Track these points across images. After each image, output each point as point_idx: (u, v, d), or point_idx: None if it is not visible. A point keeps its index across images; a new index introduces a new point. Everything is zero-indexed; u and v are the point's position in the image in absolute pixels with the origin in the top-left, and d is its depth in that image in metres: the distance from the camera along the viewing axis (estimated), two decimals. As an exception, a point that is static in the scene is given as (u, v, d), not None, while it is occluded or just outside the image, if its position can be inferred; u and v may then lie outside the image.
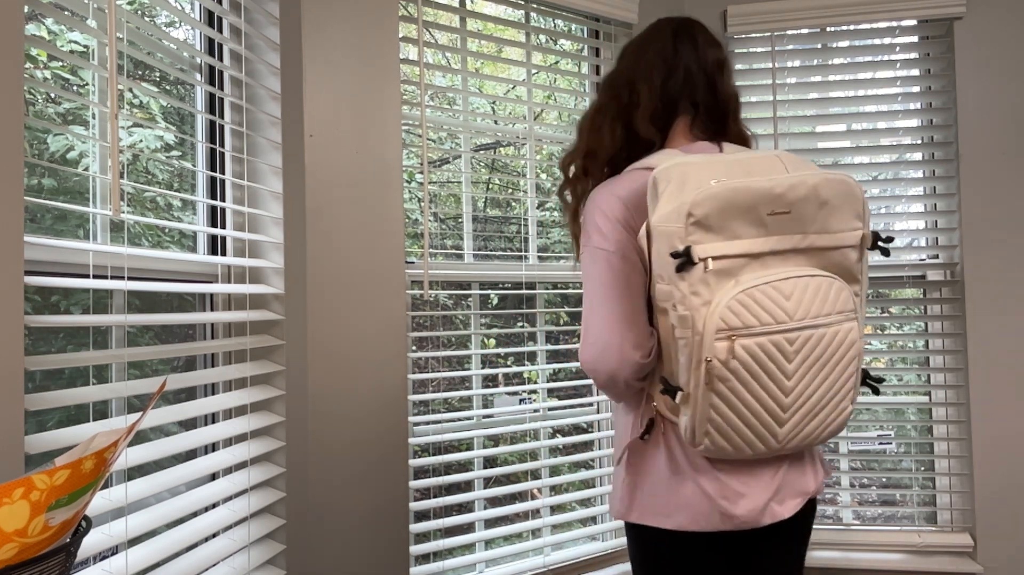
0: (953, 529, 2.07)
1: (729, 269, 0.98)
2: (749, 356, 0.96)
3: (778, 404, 0.99)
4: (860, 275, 1.02)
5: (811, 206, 0.98)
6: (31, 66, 1.24)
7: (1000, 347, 2.01)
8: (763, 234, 0.99)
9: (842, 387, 1.02)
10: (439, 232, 2.21)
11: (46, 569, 0.61)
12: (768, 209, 0.98)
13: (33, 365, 0.90)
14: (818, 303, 0.98)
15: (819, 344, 0.98)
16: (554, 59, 2.95)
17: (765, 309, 0.96)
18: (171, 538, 1.16)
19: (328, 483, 1.50)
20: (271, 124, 1.49)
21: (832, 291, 0.99)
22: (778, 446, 1.01)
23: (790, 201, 0.98)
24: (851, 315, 1.00)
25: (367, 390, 1.57)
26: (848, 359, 1.01)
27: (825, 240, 1.00)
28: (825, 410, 1.02)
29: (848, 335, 1.00)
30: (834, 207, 0.99)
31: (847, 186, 1.00)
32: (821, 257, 1.01)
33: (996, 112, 2.03)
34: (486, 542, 1.86)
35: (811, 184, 0.98)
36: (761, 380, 0.98)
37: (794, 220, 0.99)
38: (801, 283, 0.98)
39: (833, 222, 1.00)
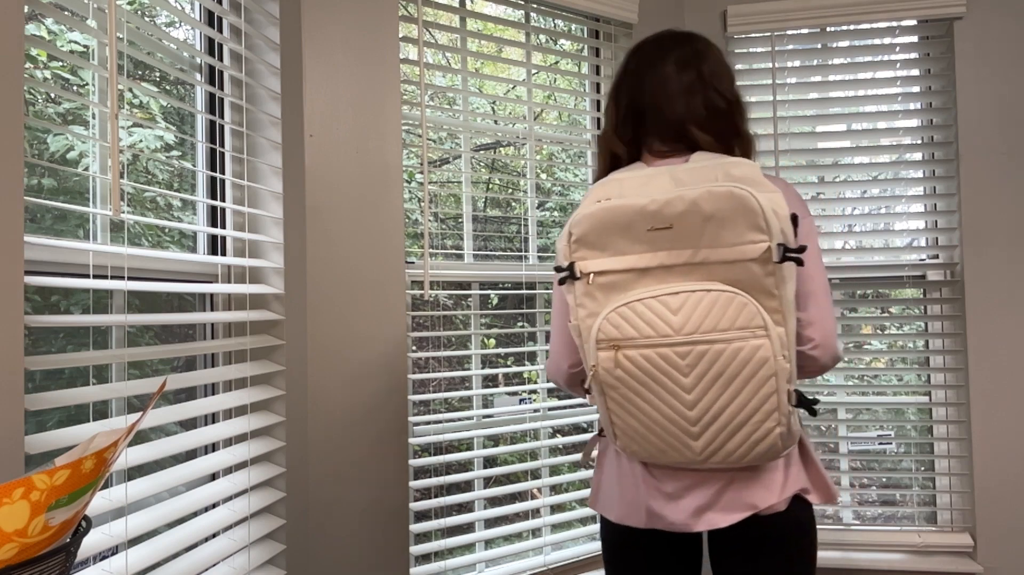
0: (953, 529, 2.07)
1: (617, 283, 1.04)
2: (634, 366, 1.01)
3: (682, 417, 1.01)
4: (776, 289, 0.97)
5: (694, 221, 0.98)
6: (31, 66, 1.24)
7: (1000, 347, 2.01)
8: (648, 250, 1.02)
9: (760, 406, 0.98)
10: (439, 232, 2.21)
11: (46, 569, 0.61)
12: (646, 226, 1.01)
13: (33, 365, 0.90)
14: (712, 318, 0.97)
15: (718, 360, 0.97)
16: (554, 59, 2.95)
17: (646, 321, 1.00)
18: (171, 538, 1.16)
19: (328, 483, 1.50)
20: (271, 124, 1.49)
21: (732, 306, 0.96)
22: (700, 458, 1.03)
23: (668, 217, 0.99)
24: (758, 332, 0.96)
25: (367, 390, 1.57)
26: (762, 377, 0.96)
27: (720, 254, 0.98)
28: (745, 428, 0.99)
29: (756, 353, 0.96)
30: (723, 221, 0.97)
31: (736, 199, 0.96)
32: (722, 271, 0.98)
33: (996, 112, 2.03)
34: (486, 542, 1.86)
35: (690, 199, 0.98)
36: (654, 390, 1.01)
37: (680, 235, 0.99)
38: (694, 297, 0.98)
39: (725, 236, 0.97)
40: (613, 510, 1.17)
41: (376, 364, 1.58)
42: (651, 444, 1.05)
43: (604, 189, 1.08)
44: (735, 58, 2.20)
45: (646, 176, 1.06)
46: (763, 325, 0.95)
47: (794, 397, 0.99)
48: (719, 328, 0.96)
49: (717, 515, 1.08)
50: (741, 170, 1.01)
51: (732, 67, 1.24)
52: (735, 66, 2.20)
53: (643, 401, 1.03)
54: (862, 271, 2.16)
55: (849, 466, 2.17)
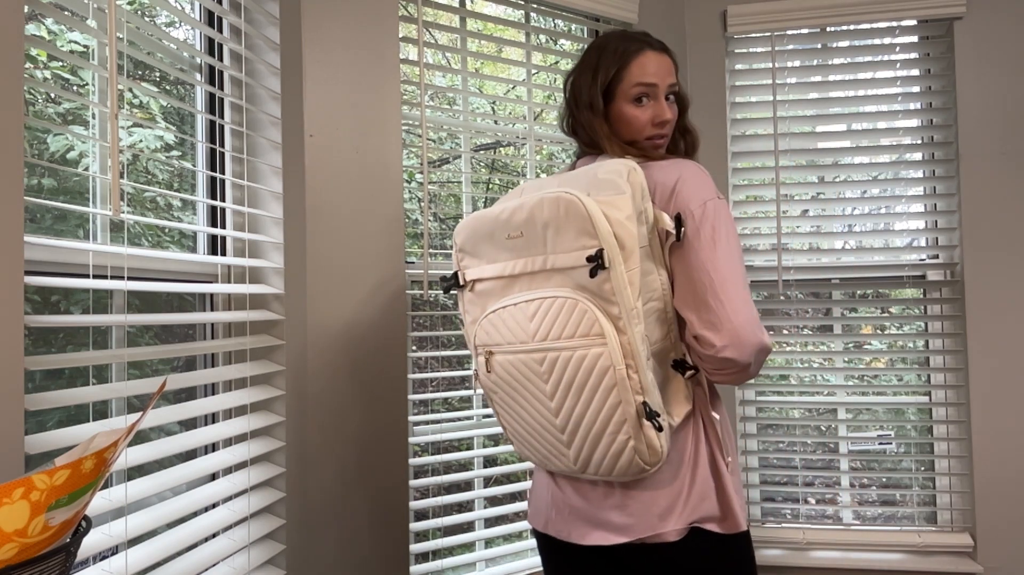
0: (953, 529, 2.07)
1: (491, 290, 1.06)
2: (504, 371, 1.03)
3: (551, 424, 1.00)
4: (614, 295, 0.92)
5: (536, 228, 0.99)
6: (31, 66, 1.24)
7: (1000, 347, 2.01)
8: (512, 257, 1.03)
9: (610, 417, 0.94)
10: (439, 232, 2.21)
11: (46, 569, 0.61)
12: (504, 234, 1.03)
13: (33, 365, 0.90)
14: (558, 325, 0.96)
15: (567, 367, 0.95)
16: (554, 59, 2.95)
17: (509, 328, 1.01)
18: (171, 538, 1.16)
19: (328, 483, 1.50)
20: (271, 124, 1.49)
21: (575, 313, 0.94)
22: (576, 467, 1.01)
23: (517, 225, 1.01)
24: (597, 340, 0.92)
25: (367, 390, 1.57)
26: (605, 387, 0.93)
27: (562, 260, 0.97)
28: (603, 440, 0.96)
29: (597, 362, 0.92)
30: (558, 227, 0.96)
31: (566, 204, 0.94)
32: (567, 278, 0.97)
33: (996, 112, 2.03)
34: (486, 541, 1.86)
35: (528, 207, 0.99)
36: (524, 396, 1.02)
37: (529, 243, 1.00)
38: (545, 304, 0.97)
39: (562, 242, 0.96)
40: (530, 514, 1.20)
41: (376, 364, 1.58)
42: (535, 450, 1.06)
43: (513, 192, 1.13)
44: (735, 58, 2.20)
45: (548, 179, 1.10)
46: (601, 333, 0.92)
47: (643, 410, 0.92)
48: (564, 335, 0.95)
49: (600, 533, 1.04)
50: (606, 170, 0.98)
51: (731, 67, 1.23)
52: (735, 66, 2.20)
53: (518, 406, 1.04)
54: (862, 271, 2.16)
55: (849, 466, 2.17)
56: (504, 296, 1.04)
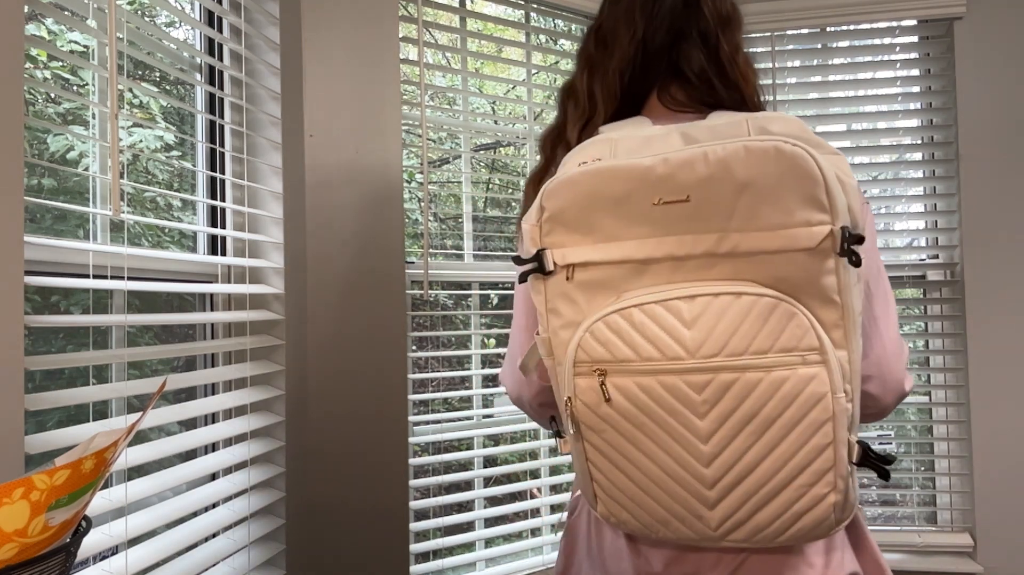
0: (953, 529, 2.07)
1: (606, 281, 0.74)
2: (628, 401, 0.71)
3: (695, 476, 0.71)
4: (838, 295, 0.66)
5: (722, 191, 0.68)
6: (31, 66, 1.24)
7: (1000, 347, 2.01)
8: (653, 233, 0.71)
9: (808, 463, 0.68)
10: (439, 232, 2.21)
11: (46, 569, 0.61)
12: (652, 198, 0.70)
13: (33, 365, 0.90)
14: (743, 335, 0.67)
15: (750, 395, 0.67)
16: (554, 59, 2.95)
17: (648, 337, 0.70)
18: (171, 538, 1.16)
19: (328, 483, 1.50)
20: (271, 124, 1.49)
21: (774, 318, 0.67)
22: (715, 534, 0.73)
23: (684, 185, 0.69)
24: (811, 357, 0.66)
25: (367, 390, 1.57)
26: (813, 422, 0.67)
27: (758, 241, 0.67)
28: (784, 494, 0.69)
29: (807, 386, 0.66)
30: (764, 191, 0.66)
31: (787, 159, 0.65)
32: (759, 267, 0.68)
33: (996, 112, 2.03)
34: (486, 541, 1.86)
35: (718, 158, 0.68)
36: (656, 436, 0.72)
37: (700, 212, 0.69)
38: (717, 304, 0.68)
39: (766, 214, 0.67)
40: None
41: (376, 364, 1.58)
42: (647, 512, 0.75)
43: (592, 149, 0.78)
44: (735, 58, 2.20)
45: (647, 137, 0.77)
46: (818, 347, 0.66)
47: (857, 452, 0.68)
48: (754, 350, 0.67)
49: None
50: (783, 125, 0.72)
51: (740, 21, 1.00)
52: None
53: (639, 451, 0.73)
54: (862, 271, 2.16)
55: (849, 466, 2.17)
56: (631, 290, 0.73)
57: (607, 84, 0.90)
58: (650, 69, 0.89)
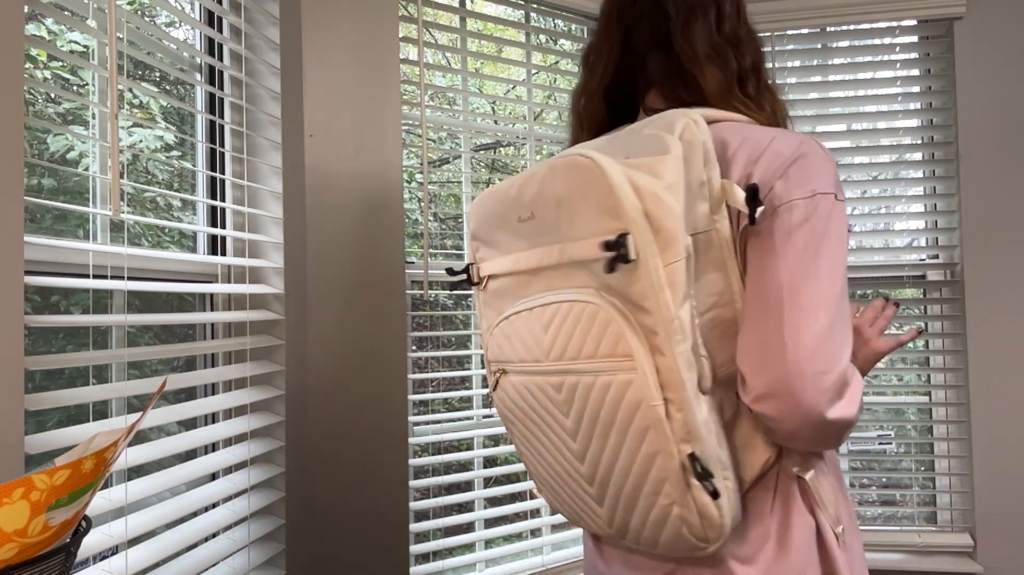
0: (953, 529, 2.07)
1: (506, 290, 0.81)
2: (519, 397, 0.78)
3: (576, 471, 0.74)
4: (645, 299, 0.64)
5: (548, 206, 0.72)
6: (31, 66, 1.24)
7: (1000, 347, 2.01)
8: (525, 247, 0.77)
9: (645, 472, 0.67)
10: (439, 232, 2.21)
11: (46, 569, 0.61)
12: (515, 215, 0.77)
13: (33, 365, 0.90)
14: (577, 339, 0.69)
15: (589, 398, 0.69)
16: (554, 59, 2.95)
17: (523, 340, 0.75)
18: (171, 538, 1.16)
19: (328, 483, 1.50)
20: (271, 124, 1.49)
21: (595, 324, 0.67)
22: (612, 532, 0.75)
23: (527, 203, 0.74)
24: (625, 363, 0.65)
25: (367, 390, 1.57)
26: (637, 430, 0.66)
27: (578, 251, 0.69)
28: (640, 502, 0.69)
29: (626, 392, 0.65)
30: (571, 204, 0.69)
31: (581, 171, 0.67)
32: (585, 275, 0.70)
33: (996, 112, 2.03)
34: (486, 541, 1.86)
35: (540, 177, 0.72)
36: (542, 430, 0.77)
37: (543, 226, 0.73)
38: (562, 310, 0.70)
39: (580, 224, 0.68)
40: None
41: (376, 364, 1.58)
42: (564, 502, 0.80)
43: None
44: (735, 58, 2.20)
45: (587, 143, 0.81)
46: (628, 353, 0.65)
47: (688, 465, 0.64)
48: (584, 354, 0.68)
49: None
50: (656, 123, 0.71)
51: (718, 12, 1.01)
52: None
53: (538, 442, 0.79)
54: (862, 271, 2.16)
55: (849, 466, 2.17)
56: (520, 297, 0.79)
57: (591, 105, 0.92)
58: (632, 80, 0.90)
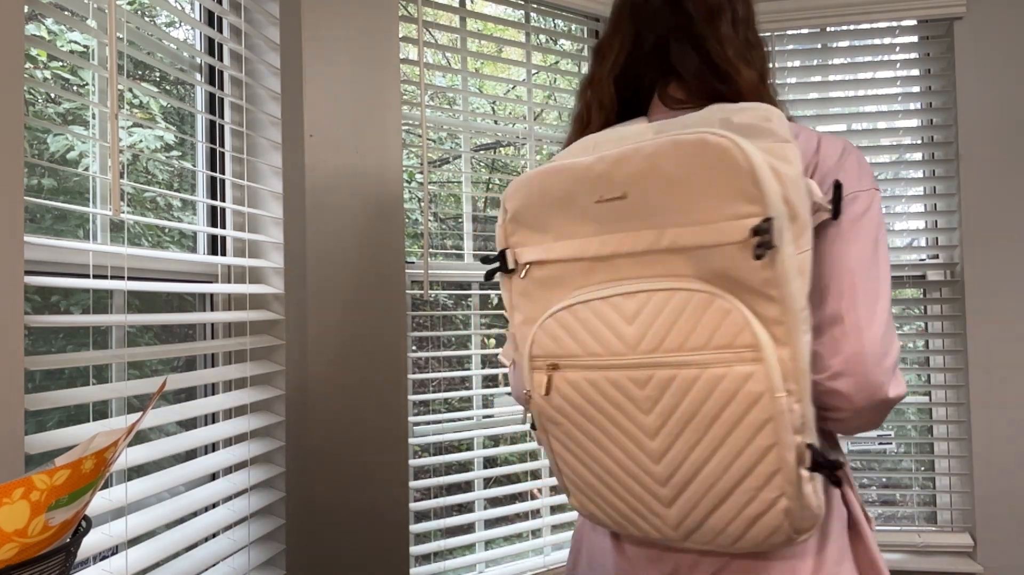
0: (953, 529, 2.07)
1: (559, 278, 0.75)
2: (578, 394, 0.72)
3: (646, 471, 0.70)
4: (773, 289, 0.63)
5: (653, 186, 0.67)
6: (31, 66, 1.24)
7: (1000, 347, 2.01)
8: (599, 231, 0.72)
9: (753, 466, 0.65)
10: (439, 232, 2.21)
11: (46, 569, 0.61)
12: (593, 195, 0.71)
13: (33, 365, 0.90)
14: (679, 331, 0.66)
15: (688, 392, 0.66)
16: (554, 59, 2.95)
17: (591, 332, 0.71)
18: (171, 538, 1.16)
19: (328, 483, 1.50)
20: (271, 124, 1.49)
21: (708, 315, 0.65)
22: (676, 534, 0.72)
23: (620, 181, 0.69)
24: (746, 354, 0.64)
25: (367, 390, 1.57)
26: (753, 423, 0.64)
27: (692, 236, 0.66)
28: (733, 497, 0.67)
29: (744, 385, 0.64)
30: (693, 185, 0.65)
31: (711, 151, 0.64)
32: (697, 262, 0.66)
33: (996, 112, 2.03)
34: (486, 542, 1.86)
35: (648, 153, 0.67)
36: (606, 430, 0.72)
37: (637, 209, 0.69)
38: (656, 299, 0.67)
39: (699, 208, 0.65)
40: None
41: (376, 364, 1.58)
42: (612, 506, 0.75)
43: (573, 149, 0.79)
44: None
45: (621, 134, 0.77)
46: (753, 343, 0.63)
47: (808, 456, 0.64)
48: (689, 346, 0.66)
49: None
50: (747, 114, 0.69)
51: None
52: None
53: (594, 444, 0.73)
54: (862, 271, 2.16)
55: (849, 466, 2.17)
56: (584, 287, 0.74)
57: (601, 92, 0.90)
58: (644, 72, 0.88)
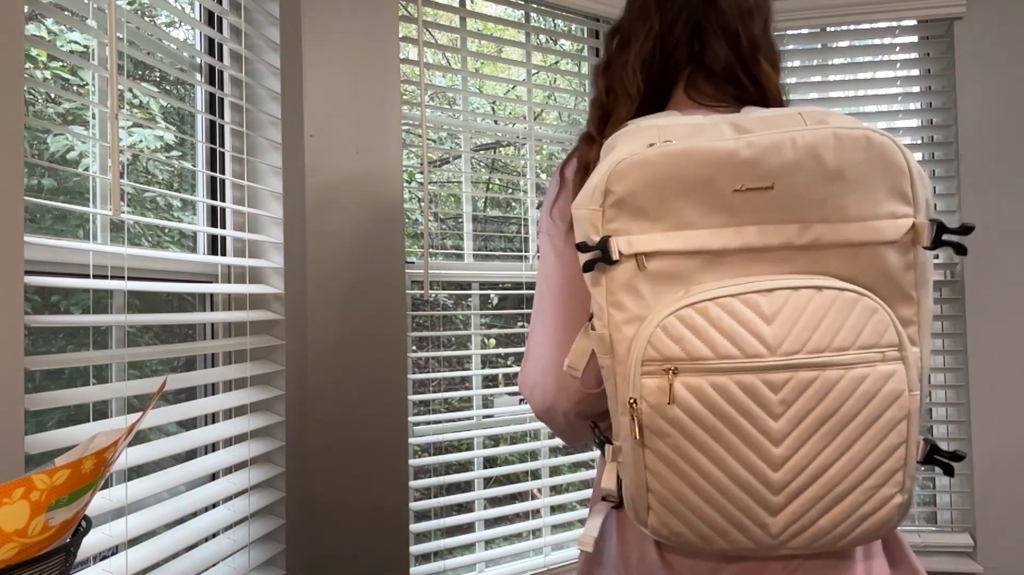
0: (953, 529, 2.07)
1: (675, 273, 0.68)
2: (700, 403, 0.65)
3: (761, 480, 0.66)
4: (914, 290, 0.65)
5: (811, 178, 0.65)
6: (31, 66, 1.24)
7: (1000, 347, 2.01)
8: (732, 222, 0.67)
9: (880, 463, 0.66)
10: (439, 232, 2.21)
11: (46, 569, 0.61)
12: (734, 183, 0.66)
13: (33, 365, 0.90)
14: (825, 331, 0.64)
15: (828, 394, 0.64)
16: (554, 59, 2.95)
17: (727, 334, 0.65)
18: (171, 538, 1.16)
19: (328, 483, 1.50)
20: (271, 124, 1.49)
21: (855, 313, 0.64)
22: (773, 542, 0.68)
23: (771, 170, 0.65)
24: (891, 353, 0.65)
25: (367, 390, 1.57)
26: (888, 420, 0.65)
27: (842, 233, 0.65)
28: (852, 496, 0.66)
29: (886, 383, 0.64)
30: (854, 180, 0.64)
31: (877, 149, 0.64)
32: (839, 260, 0.66)
33: (996, 112, 2.03)
34: (486, 542, 1.86)
35: (807, 143, 0.65)
36: (727, 441, 0.66)
37: (783, 201, 0.66)
38: (797, 298, 0.65)
39: (854, 204, 0.65)
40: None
41: (376, 364, 1.58)
42: (705, 523, 0.68)
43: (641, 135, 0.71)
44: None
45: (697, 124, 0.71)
46: (897, 343, 0.64)
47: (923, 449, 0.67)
48: (836, 346, 0.64)
49: None
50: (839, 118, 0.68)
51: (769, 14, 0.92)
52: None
53: (706, 457, 0.66)
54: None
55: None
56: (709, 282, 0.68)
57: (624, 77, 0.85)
58: (670, 63, 0.85)
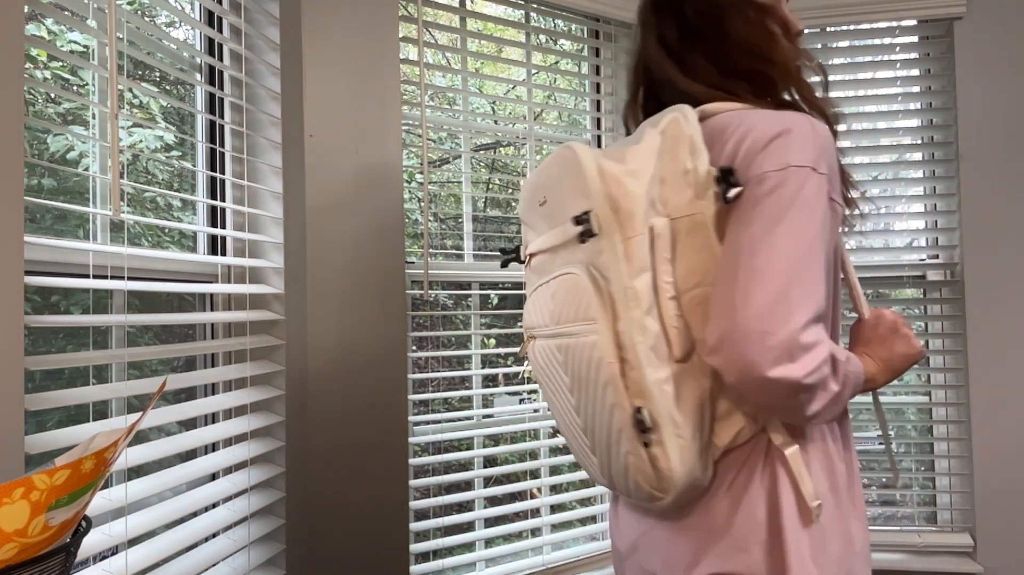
0: (953, 529, 2.07)
1: (540, 266, 0.92)
2: (539, 358, 0.89)
3: (574, 423, 0.84)
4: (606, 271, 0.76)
5: (553, 190, 0.84)
6: (31, 66, 1.24)
7: (1000, 347, 2.01)
8: (546, 228, 0.89)
9: (609, 421, 0.77)
10: (439, 232, 2.21)
11: (46, 569, 0.61)
12: (536, 199, 0.89)
13: (33, 365, 0.90)
14: (567, 307, 0.81)
15: (574, 356, 0.80)
16: (554, 59, 2.95)
17: (539, 308, 0.88)
18: (171, 538, 1.16)
19: (328, 483, 1.50)
20: (271, 124, 1.49)
21: (573, 291, 0.80)
22: (605, 481, 0.84)
23: (541, 188, 0.87)
24: (590, 325, 0.76)
25: (367, 390, 1.57)
26: (602, 382, 0.76)
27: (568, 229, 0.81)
28: (611, 450, 0.78)
29: (592, 351, 0.76)
30: (563, 189, 0.81)
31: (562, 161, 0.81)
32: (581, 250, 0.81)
33: (996, 112, 2.03)
34: (486, 541, 1.86)
35: (546, 165, 0.86)
36: (553, 388, 0.87)
37: (554, 208, 0.85)
38: (557, 281, 0.83)
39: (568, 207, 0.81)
40: None
41: (376, 364, 1.58)
42: (577, 453, 0.89)
43: None
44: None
45: None
46: (592, 316, 0.76)
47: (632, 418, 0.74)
48: (566, 318, 0.81)
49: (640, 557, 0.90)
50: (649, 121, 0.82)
51: None
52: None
53: (555, 399, 0.88)
54: (862, 271, 2.16)
55: (849, 466, 2.17)
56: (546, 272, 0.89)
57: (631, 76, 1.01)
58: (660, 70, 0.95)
